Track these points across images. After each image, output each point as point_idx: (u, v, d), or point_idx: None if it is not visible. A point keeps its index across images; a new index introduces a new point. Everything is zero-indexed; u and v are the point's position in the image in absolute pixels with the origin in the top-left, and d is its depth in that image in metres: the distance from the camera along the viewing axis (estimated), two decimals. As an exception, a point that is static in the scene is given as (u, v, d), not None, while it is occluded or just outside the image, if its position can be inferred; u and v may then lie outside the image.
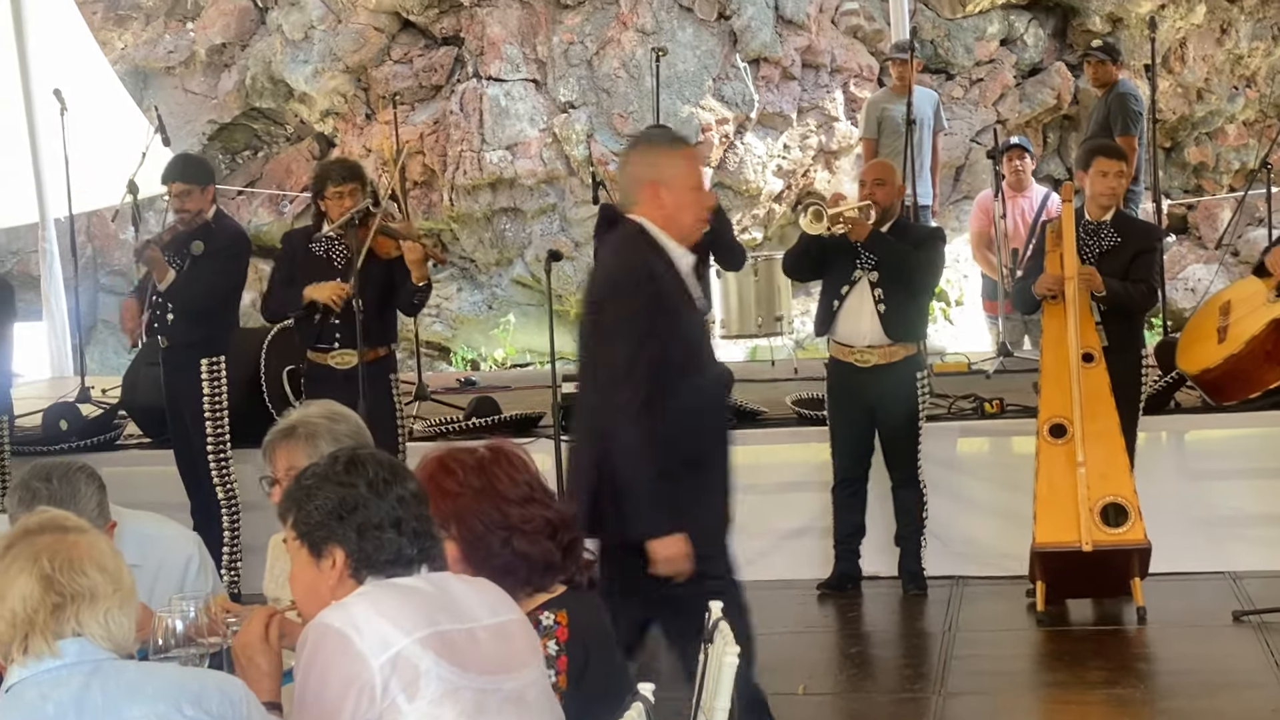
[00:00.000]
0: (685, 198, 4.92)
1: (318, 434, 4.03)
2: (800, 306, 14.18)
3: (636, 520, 4.80)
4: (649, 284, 4.82)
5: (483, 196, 15.35)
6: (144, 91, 16.05)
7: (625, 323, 4.81)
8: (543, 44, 15.26)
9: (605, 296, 4.92)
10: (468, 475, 3.54)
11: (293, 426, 4.09)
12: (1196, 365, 7.49)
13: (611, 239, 5.18)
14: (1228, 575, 7.91)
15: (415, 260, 7.64)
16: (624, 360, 4.78)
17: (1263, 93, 16.07)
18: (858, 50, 15.55)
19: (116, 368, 13.93)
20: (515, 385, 11.28)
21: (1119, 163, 7.74)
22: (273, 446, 4.11)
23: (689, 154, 5.12)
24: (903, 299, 7.90)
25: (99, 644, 2.94)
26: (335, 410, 4.19)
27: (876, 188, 7.99)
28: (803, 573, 8.30)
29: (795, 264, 8.28)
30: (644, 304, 4.81)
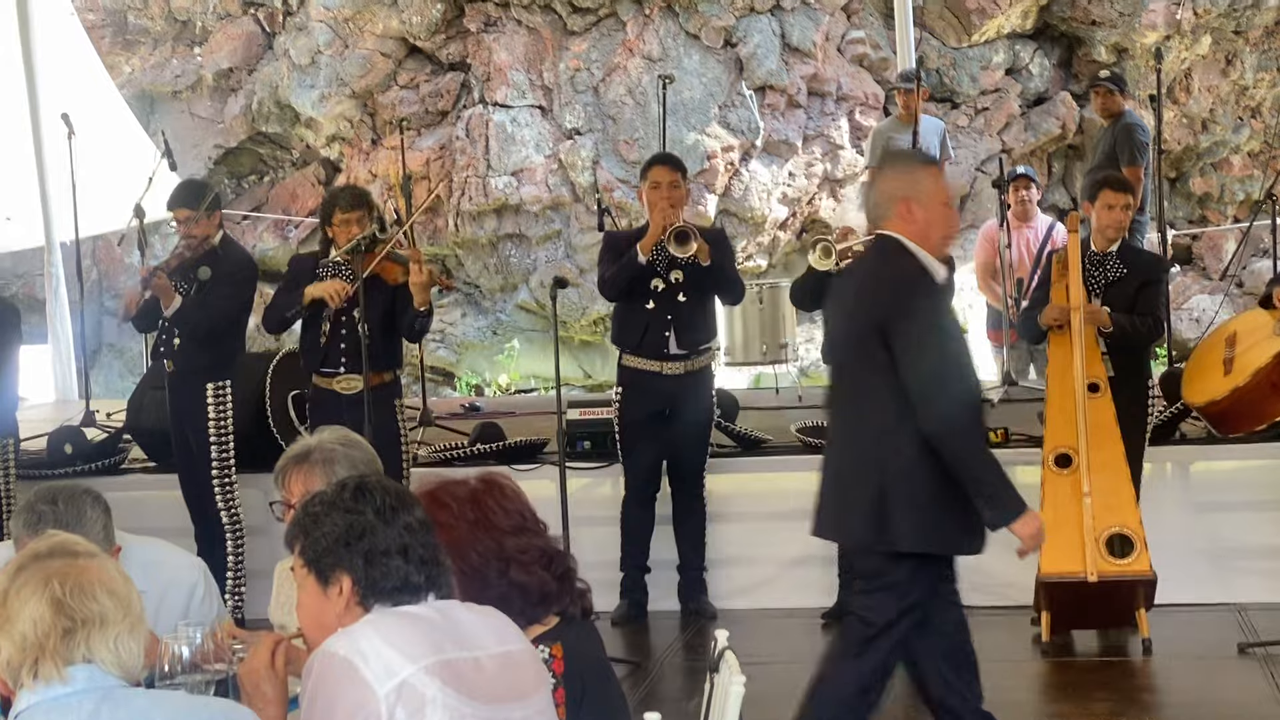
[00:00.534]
0: (936, 213, 5.12)
1: (334, 459, 4.02)
2: (805, 334, 14.18)
3: (997, 510, 5.03)
4: (934, 295, 5.06)
5: (488, 222, 15.37)
6: (151, 116, 16.09)
7: (923, 331, 4.98)
8: (549, 70, 15.30)
9: (891, 307, 5.04)
10: (461, 507, 3.54)
11: (307, 451, 4.08)
12: (1202, 397, 7.49)
13: (872, 255, 5.31)
14: (1233, 607, 7.90)
15: (419, 284, 7.63)
16: (932, 366, 4.94)
17: (1268, 124, 16.09)
18: (863, 79, 15.58)
19: (121, 391, 13.93)
20: (520, 411, 11.26)
21: (1125, 195, 7.75)
22: (286, 472, 4.10)
23: (938, 172, 5.31)
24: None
25: (109, 670, 2.93)
26: (349, 436, 4.19)
27: None
28: (807, 601, 8.29)
29: (803, 295, 8.28)
30: (934, 311, 5.04)
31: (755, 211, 15.08)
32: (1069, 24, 15.93)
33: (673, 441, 8.24)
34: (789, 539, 8.50)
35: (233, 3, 16.30)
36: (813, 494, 8.38)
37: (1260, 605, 7.82)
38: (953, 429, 4.94)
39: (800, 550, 8.46)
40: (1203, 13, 15.31)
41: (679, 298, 8.13)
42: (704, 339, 8.31)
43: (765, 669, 5.40)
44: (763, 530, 8.58)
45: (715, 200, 14.91)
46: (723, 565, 8.46)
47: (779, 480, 8.72)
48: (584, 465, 8.67)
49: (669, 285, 8.12)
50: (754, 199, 15.08)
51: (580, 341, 15.52)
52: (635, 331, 8.20)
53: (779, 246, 15.45)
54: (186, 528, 8.10)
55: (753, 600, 8.44)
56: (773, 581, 8.49)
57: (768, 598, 8.44)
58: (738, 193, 15.06)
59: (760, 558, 8.55)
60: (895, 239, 5.10)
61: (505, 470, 8.62)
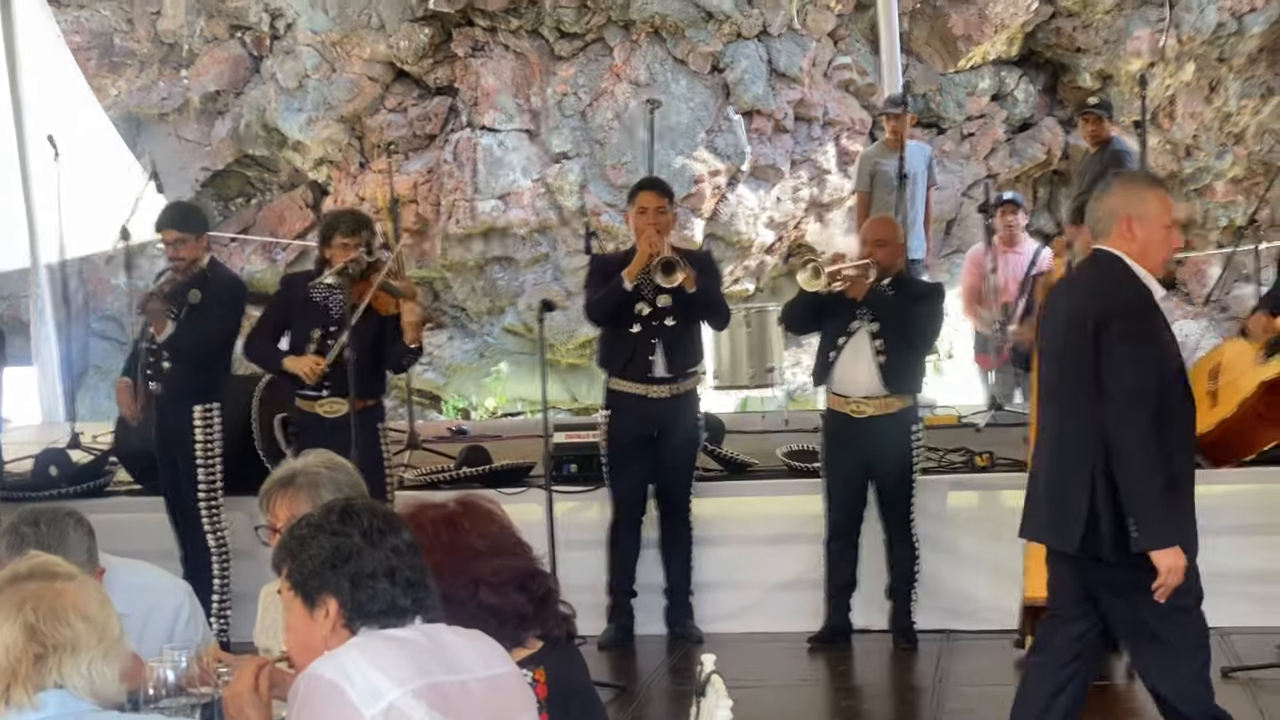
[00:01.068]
0: (1157, 234, 5.19)
1: (319, 482, 4.02)
2: (792, 358, 14.19)
3: (1146, 532, 5.00)
4: (1153, 310, 5.15)
5: (475, 245, 15.38)
6: (137, 138, 16.08)
7: (1137, 346, 5.05)
8: (536, 95, 15.32)
9: (1109, 320, 5.09)
10: (436, 530, 3.54)
11: (292, 475, 4.08)
12: None
13: (1089, 269, 5.37)
14: (1216, 632, 7.87)
15: (412, 322, 7.66)
16: (1137, 381, 4.99)
17: (1251, 150, 16.15)
18: (850, 104, 15.62)
19: (107, 413, 13.89)
20: (506, 434, 11.26)
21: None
22: (271, 496, 4.09)
23: (1164, 195, 5.35)
24: (903, 351, 7.93)
25: (80, 696, 2.91)
26: (333, 460, 4.19)
27: (877, 247, 8.00)
28: (793, 625, 8.29)
29: (794, 317, 8.30)
30: (1151, 328, 5.11)
31: (742, 236, 15.10)
32: (1054, 51, 15.99)
33: (659, 465, 8.25)
34: (776, 563, 8.52)
35: (220, 26, 16.31)
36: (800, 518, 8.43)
37: (1245, 630, 7.82)
38: (1138, 442, 4.97)
39: (787, 574, 8.48)
40: (1186, 40, 15.38)
41: (665, 322, 8.14)
42: (690, 363, 8.32)
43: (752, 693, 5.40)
44: (749, 554, 8.58)
45: (702, 224, 14.93)
46: (709, 589, 8.46)
47: (766, 504, 8.74)
48: (571, 489, 8.67)
49: (655, 309, 8.14)
50: (741, 223, 15.10)
51: (567, 365, 15.53)
52: (622, 355, 8.21)
53: (766, 270, 15.47)
54: (171, 550, 8.09)
55: (739, 624, 8.44)
56: (759, 605, 8.49)
57: (754, 622, 8.44)
58: (725, 217, 15.08)
59: (747, 582, 8.55)
60: (1113, 254, 5.17)
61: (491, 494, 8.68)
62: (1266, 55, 16.02)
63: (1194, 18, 15.32)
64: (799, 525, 8.46)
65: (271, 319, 8.13)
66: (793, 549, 8.49)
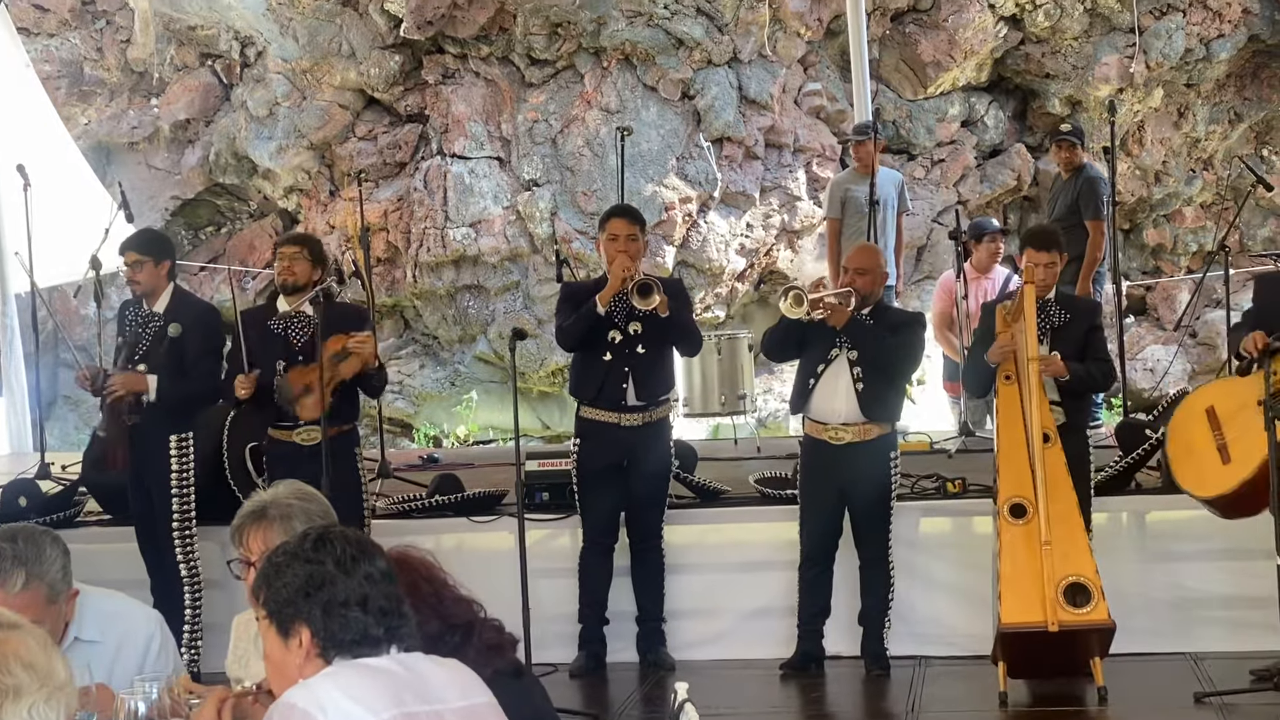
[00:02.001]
0: None
1: (291, 514, 4.00)
2: (763, 385, 14.21)
3: None
4: None
5: (446, 273, 15.37)
6: (107, 167, 16.05)
7: None
8: (507, 122, 15.33)
9: None
10: None
11: (263, 508, 4.05)
12: (1205, 490, 7.31)
13: None
14: (1189, 656, 7.92)
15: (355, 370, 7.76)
16: None
17: (1219, 176, 16.24)
18: (820, 130, 15.67)
19: (77, 444, 13.85)
20: (478, 462, 11.24)
21: (1050, 255, 7.83)
22: (244, 530, 4.06)
23: None
24: (881, 379, 7.94)
25: None
26: (304, 490, 4.16)
27: (858, 276, 8.00)
28: (765, 652, 8.28)
29: (774, 345, 8.30)
30: None
31: (713, 263, 15.12)
32: (1023, 77, 16.07)
33: (630, 493, 8.24)
34: (748, 590, 8.51)
35: (190, 54, 16.29)
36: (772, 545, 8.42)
37: (1216, 655, 7.84)
38: None
39: (759, 601, 8.47)
40: (1155, 66, 15.47)
41: (637, 349, 8.14)
42: (662, 390, 8.32)
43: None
44: (721, 581, 8.58)
45: (673, 251, 14.95)
46: (681, 616, 8.44)
47: (738, 531, 8.73)
48: (543, 516, 8.65)
49: (626, 337, 8.14)
50: (712, 250, 15.12)
51: (539, 393, 15.52)
52: (593, 383, 8.20)
53: (737, 297, 15.49)
54: (142, 580, 8.04)
55: (712, 651, 8.43)
56: (732, 633, 8.48)
57: (727, 649, 8.43)
58: (695, 244, 15.10)
59: (719, 609, 8.54)
60: None
61: (463, 521, 8.67)
62: (1234, 81, 16.13)
63: (1162, 44, 15.41)
64: (771, 552, 8.45)
65: (234, 363, 8.13)
66: (765, 576, 8.48)
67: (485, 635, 3.54)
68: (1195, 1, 15.46)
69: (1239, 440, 7.16)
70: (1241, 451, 7.15)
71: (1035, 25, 15.60)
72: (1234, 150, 16.13)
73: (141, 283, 7.99)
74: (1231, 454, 7.19)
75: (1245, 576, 7.82)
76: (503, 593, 7.65)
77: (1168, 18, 15.48)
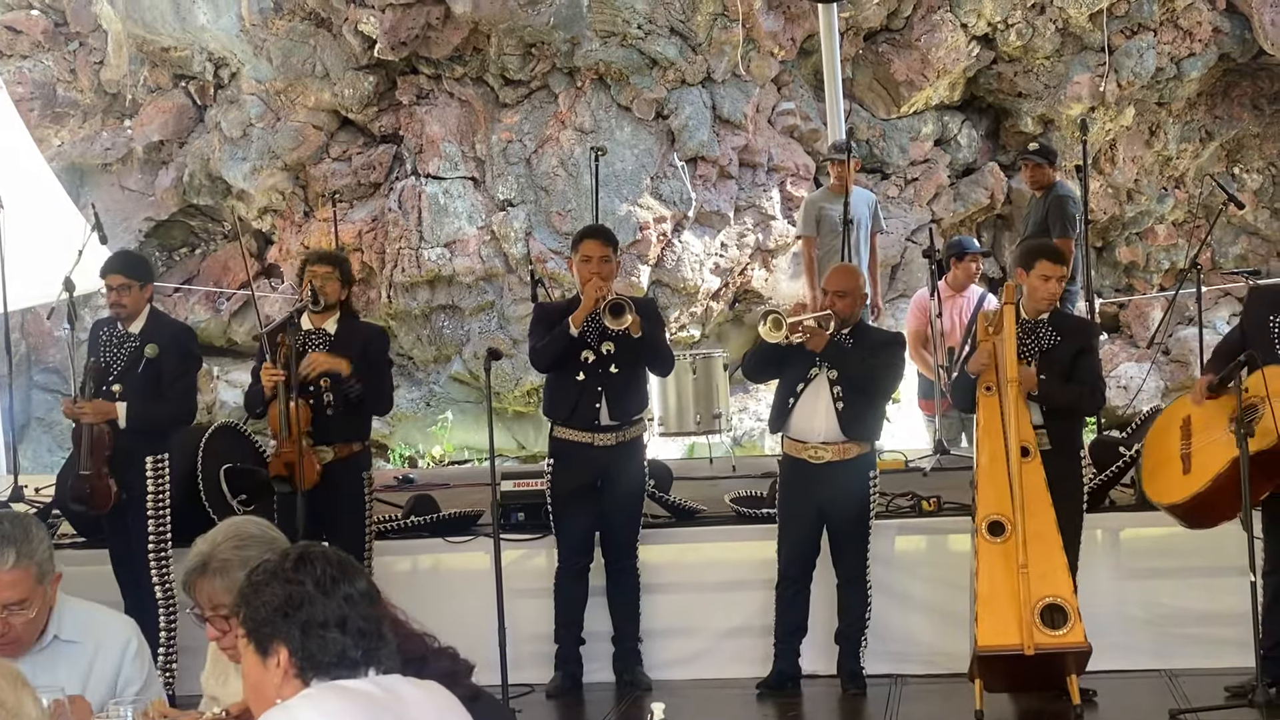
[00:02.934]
0: None
1: (229, 567, 3.95)
2: (738, 404, 14.22)
3: None
4: None
5: (421, 294, 15.36)
6: (81, 189, 16.01)
7: None
8: (481, 142, 15.34)
9: None
10: None
11: (204, 562, 4.00)
12: (1162, 497, 7.40)
13: None
14: (1164, 674, 7.94)
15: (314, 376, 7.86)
16: None
17: (1191, 194, 16.31)
18: (794, 150, 15.70)
19: (50, 466, 13.81)
20: (454, 483, 11.23)
21: (1062, 267, 7.83)
22: (192, 584, 4.03)
23: None
24: (861, 399, 7.95)
25: None
26: (243, 534, 4.08)
27: (838, 298, 8.01)
28: (742, 671, 8.28)
29: (754, 367, 8.31)
30: None
31: (688, 282, 15.14)
32: (996, 96, 16.13)
33: (605, 512, 8.24)
34: (724, 609, 8.51)
35: (163, 75, 16.27)
36: (747, 565, 8.42)
37: (1191, 671, 7.86)
38: None
39: (735, 621, 8.47)
40: (1126, 85, 15.54)
41: (610, 369, 8.15)
42: (635, 410, 8.32)
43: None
44: (697, 601, 8.57)
45: (648, 271, 14.96)
46: (657, 636, 8.44)
47: (713, 550, 8.73)
48: (519, 537, 8.64)
49: (600, 357, 8.14)
50: (686, 269, 15.14)
51: (514, 413, 15.51)
52: (567, 403, 8.20)
53: (712, 317, 15.50)
54: (116, 603, 7.98)
55: (688, 671, 8.42)
56: (708, 652, 8.48)
57: (703, 668, 8.43)
58: (670, 263, 15.12)
59: (695, 628, 8.54)
60: None
61: (439, 541, 8.65)
62: (1205, 100, 16.20)
63: (1133, 63, 15.48)
64: (747, 571, 8.45)
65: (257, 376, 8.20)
66: (741, 595, 8.49)
67: (440, 664, 3.52)
68: (1166, 20, 15.53)
69: (1200, 452, 7.21)
70: (1200, 464, 7.20)
71: (1007, 44, 15.66)
72: (1205, 168, 16.20)
73: (127, 306, 7.99)
74: (1192, 465, 7.24)
75: (1220, 593, 7.85)
76: (479, 613, 7.66)
77: (1139, 37, 15.55)
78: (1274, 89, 16.21)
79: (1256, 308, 7.52)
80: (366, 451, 8.27)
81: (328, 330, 8.06)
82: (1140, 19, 15.48)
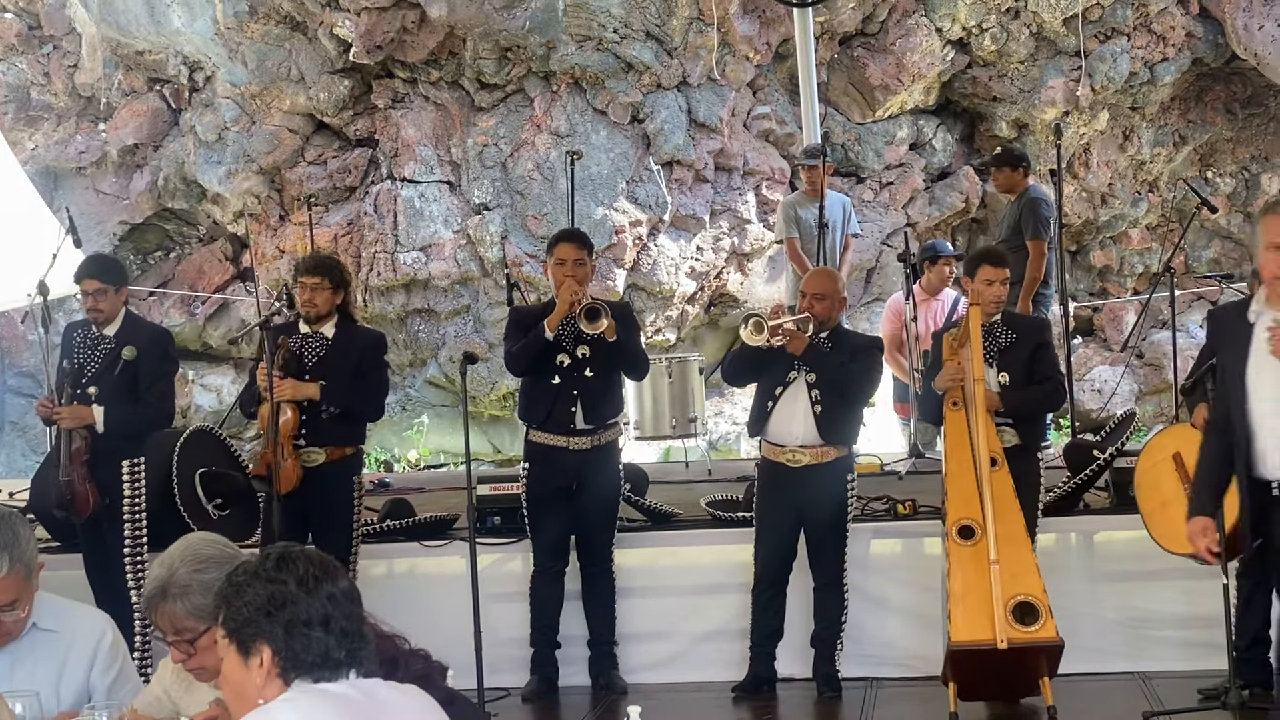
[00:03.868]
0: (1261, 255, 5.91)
1: (189, 592, 3.93)
2: (714, 408, 14.23)
3: None
4: None
5: (396, 298, 15.35)
6: (55, 192, 15.97)
7: None
8: (457, 146, 15.33)
9: None
10: None
11: (164, 588, 3.97)
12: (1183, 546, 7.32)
13: None
14: (1137, 676, 7.97)
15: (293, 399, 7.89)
16: None
17: (1165, 197, 16.38)
18: (769, 153, 15.72)
19: (24, 470, 13.77)
20: (429, 487, 11.22)
21: (1003, 271, 7.94)
22: (152, 610, 4.02)
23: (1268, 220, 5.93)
24: (839, 403, 7.97)
25: None
26: (199, 555, 4.04)
27: (816, 302, 8.04)
28: (717, 675, 8.28)
29: (734, 371, 8.31)
30: None
31: (663, 285, 15.15)
32: (970, 100, 16.18)
33: (580, 516, 8.24)
34: (699, 613, 8.52)
35: (138, 79, 16.24)
36: (724, 568, 8.43)
37: (1164, 673, 7.89)
38: None
39: (711, 624, 8.48)
40: (1100, 89, 15.60)
41: (585, 373, 8.15)
42: (611, 413, 8.33)
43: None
44: (673, 604, 8.58)
45: (624, 275, 14.97)
46: (633, 640, 8.44)
47: (689, 554, 8.74)
48: (494, 541, 8.65)
49: (575, 360, 8.15)
50: (662, 273, 15.15)
51: (489, 416, 15.50)
52: (542, 407, 8.21)
53: (687, 320, 15.52)
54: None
55: (664, 675, 8.43)
56: (684, 656, 8.48)
57: (679, 672, 8.43)
58: (646, 267, 15.13)
59: (671, 632, 8.55)
60: None
61: (415, 545, 8.65)
62: (1178, 104, 16.27)
63: (1107, 67, 15.53)
64: (723, 575, 8.46)
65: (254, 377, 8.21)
66: (717, 599, 8.50)
67: (413, 666, 3.52)
68: (1139, 25, 15.59)
69: None
70: None
71: (982, 49, 15.71)
72: (1179, 172, 16.27)
73: (104, 310, 7.98)
74: None
75: (1193, 596, 7.88)
76: (454, 617, 7.66)
77: (1112, 41, 15.61)
78: (1247, 93, 16.29)
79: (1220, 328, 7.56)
80: (359, 455, 8.28)
81: (325, 335, 8.05)
82: (1114, 23, 15.55)
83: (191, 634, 3.85)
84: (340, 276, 8.25)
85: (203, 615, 3.79)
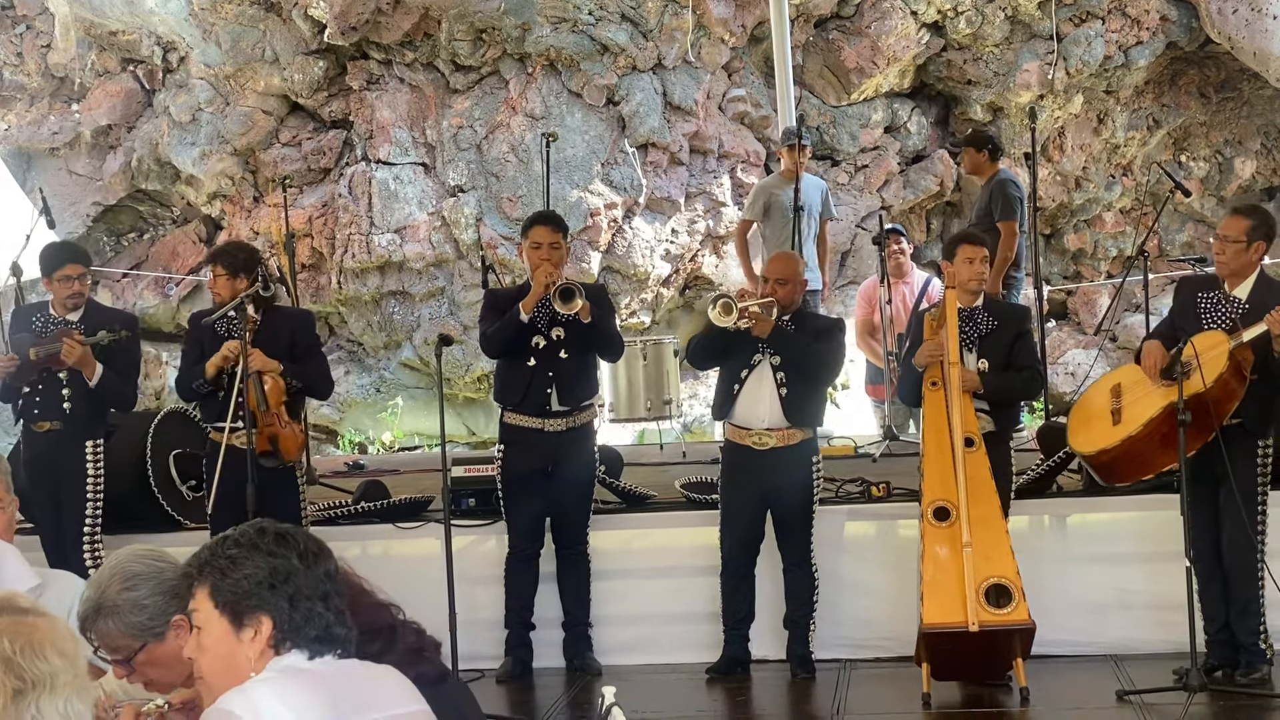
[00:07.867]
0: None
1: (119, 610, 3.89)
2: (689, 390, 14.24)
3: None
4: None
5: (371, 279, 15.34)
6: (28, 173, 15.91)
7: None
8: (432, 128, 15.31)
9: None
10: None
11: (98, 607, 3.95)
12: (1091, 446, 7.56)
13: None
14: (1110, 657, 8.01)
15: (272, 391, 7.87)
16: None
17: (1139, 181, 16.43)
18: (745, 136, 15.73)
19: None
20: (404, 469, 11.21)
21: (982, 249, 7.98)
22: (88, 629, 3.99)
23: None
24: (804, 385, 7.99)
25: None
26: (128, 573, 4.00)
27: (778, 286, 8.05)
28: (692, 656, 8.30)
29: (700, 353, 8.30)
30: None
31: (638, 268, 15.16)
32: (945, 83, 16.20)
33: (555, 498, 8.25)
34: (674, 595, 8.53)
35: (111, 59, 16.18)
36: (698, 550, 8.45)
37: (1136, 654, 7.93)
38: None
39: (685, 606, 8.49)
40: (1074, 73, 15.63)
41: (560, 355, 8.15)
42: (586, 395, 8.33)
43: (650, 725, 5.41)
44: (648, 586, 8.59)
45: (599, 257, 14.97)
46: (608, 621, 8.45)
47: (664, 536, 8.74)
48: (469, 523, 8.65)
49: (550, 342, 8.15)
50: (637, 255, 15.15)
51: (464, 399, 15.50)
52: (517, 389, 8.20)
53: (662, 303, 15.53)
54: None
55: (638, 656, 8.44)
56: (658, 637, 8.50)
57: (653, 654, 8.44)
58: (621, 249, 15.13)
59: (645, 614, 8.56)
60: None
61: (390, 527, 8.65)
62: (1152, 88, 16.31)
63: (1081, 51, 15.57)
64: (697, 556, 8.47)
65: (191, 358, 8.10)
66: (691, 581, 8.51)
67: (407, 639, 3.53)
68: (1114, 9, 15.63)
69: (1132, 405, 7.36)
70: (1130, 415, 7.34)
71: (957, 32, 15.73)
72: (1152, 156, 16.32)
73: (81, 294, 8.04)
74: (1123, 417, 7.37)
75: (1165, 578, 7.91)
76: (430, 599, 7.65)
77: (1087, 25, 15.64)
78: (1220, 77, 16.34)
79: (1185, 292, 7.65)
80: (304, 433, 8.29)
81: (255, 317, 7.88)
82: (1088, 7, 15.58)
83: (127, 652, 3.82)
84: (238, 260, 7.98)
85: (136, 633, 3.78)
